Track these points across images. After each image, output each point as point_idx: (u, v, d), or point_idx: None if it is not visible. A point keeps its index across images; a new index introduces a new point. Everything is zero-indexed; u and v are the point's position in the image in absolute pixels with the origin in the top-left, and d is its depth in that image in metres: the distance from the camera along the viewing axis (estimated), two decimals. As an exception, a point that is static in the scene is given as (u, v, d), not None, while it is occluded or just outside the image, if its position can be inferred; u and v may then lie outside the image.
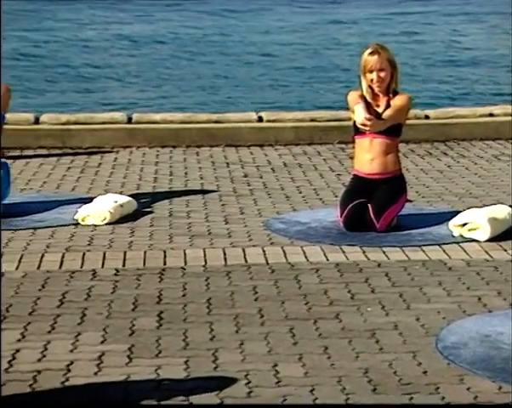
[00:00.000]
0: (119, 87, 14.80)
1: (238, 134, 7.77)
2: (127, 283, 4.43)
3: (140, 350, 3.62)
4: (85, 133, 7.62)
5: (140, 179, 6.64)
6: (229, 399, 3.18)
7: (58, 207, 5.72)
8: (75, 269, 4.63)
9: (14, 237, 5.14)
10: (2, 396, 3.20)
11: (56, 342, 3.68)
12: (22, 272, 4.56)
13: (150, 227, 5.44)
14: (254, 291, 4.32)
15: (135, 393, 3.23)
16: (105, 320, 3.95)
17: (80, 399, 3.18)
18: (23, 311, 4.02)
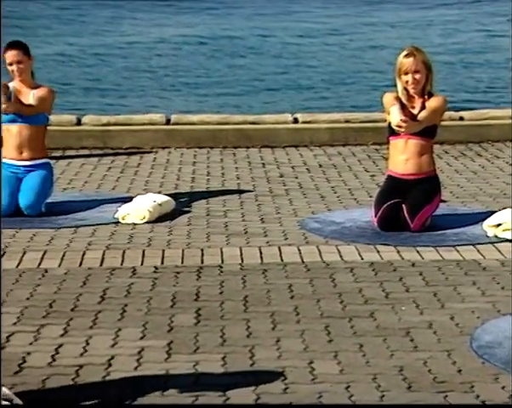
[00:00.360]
0: (158, 89, 14.87)
1: (274, 135, 7.77)
2: (165, 280, 4.44)
3: (179, 346, 3.63)
4: (125, 134, 7.66)
5: (178, 179, 6.66)
6: (265, 396, 3.18)
7: (99, 206, 5.75)
8: (115, 266, 4.66)
9: (56, 235, 5.18)
10: (46, 389, 3.23)
11: (97, 338, 3.71)
12: (65, 269, 4.59)
13: (187, 226, 5.45)
14: (290, 289, 4.32)
15: (174, 388, 3.24)
16: (145, 316, 3.97)
17: (120, 393, 3.20)
18: (65, 307, 4.05)
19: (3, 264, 4.64)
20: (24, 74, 5.51)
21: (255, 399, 3.16)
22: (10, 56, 5.48)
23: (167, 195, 5.90)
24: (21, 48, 5.52)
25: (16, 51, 5.48)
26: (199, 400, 3.15)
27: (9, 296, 4.18)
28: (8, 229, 5.23)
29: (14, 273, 4.50)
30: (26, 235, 5.17)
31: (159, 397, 3.18)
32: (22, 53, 5.50)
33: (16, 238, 5.11)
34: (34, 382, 3.27)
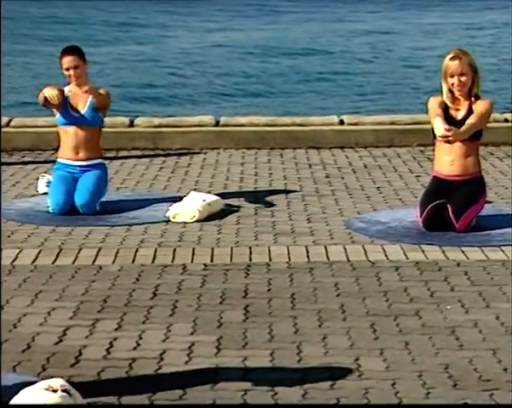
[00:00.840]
0: (208, 91, 14.95)
1: (320, 137, 7.75)
2: (215, 277, 4.46)
3: (228, 341, 3.64)
4: (176, 136, 7.70)
5: (227, 179, 6.68)
6: (312, 391, 3.17)
7: (151, 205, 5.79)
8: (166, 263, 4.68)
9: (110, 233, 5.23)
10: (101, 381, 3.26)
11: (150, 332, 3.73)
12: (118, 266, 4.63)
13: (236, 225, 5.46)
14: (336, 287, 4.30)
15: (223, 382, 3.25)
16: (195, 312, 3.98)
17: (172, 386, 3.22)
18: (119, 302, 4.09)
19: (60, 260, 4.70)
20: (80, 78, 5.58)
21: (302, 395, 3.15)
22: (67, 62, 5.55)
23: (217, 194, 5.91)
24: (77, 53, 5.58)
25: (72, 57, 5.55)
26: (248, 395, 3.15)
27: (66, 291, 4.23)
28: (64, 227, 5.30)
29: (70, 269, 4.55)
30: (82, 232, 5.22)
31: (209, 390, 3.19)
32: (78, 58, 5.56)
33: (72, 236, 5.17)
34: (90, 375, 3.31)
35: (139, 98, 14.06)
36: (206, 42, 21.38)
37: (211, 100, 13.83)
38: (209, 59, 19.03)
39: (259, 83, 15.86)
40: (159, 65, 18.05)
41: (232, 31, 23.67)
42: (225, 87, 15.39)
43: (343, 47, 20.11)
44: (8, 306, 4.00)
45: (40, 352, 3.50)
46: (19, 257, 4.71)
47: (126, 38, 22.24)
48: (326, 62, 18.01)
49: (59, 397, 2.80)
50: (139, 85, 15.69)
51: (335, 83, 15.50)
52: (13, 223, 5.34)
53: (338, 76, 16.37)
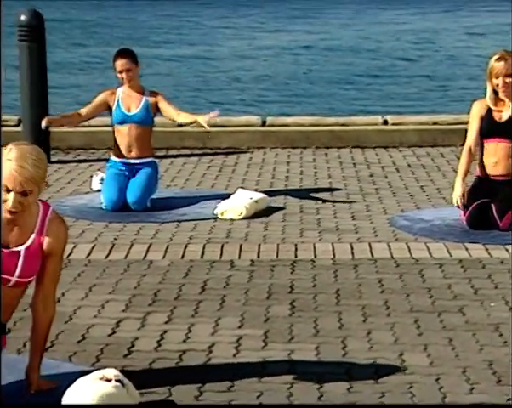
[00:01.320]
0: (255, 92, 14.97)
1: (364, 136, 7.70)
2: (261, 273, 4.46)
3: (274, 335, 3.64)
4: (223, 135, 7.72)
5: (273, 178, 6.67)
6: (357, 385, 3.16)
7: (199, 203, 5.81)
8: (215, 259, 4.70)
9: (160, 229, 5.26)
10: (152, 371, 3.28)
11: (199, 326, 3.75)
12: (168, 261, 4.66)
13: (282, 222, 5.46)
14: (380, 283, 4.27)
15: (270, 375, 3.25)
16: (242, 306, 3.99)
17: (220, 377, 3.23)
18: (169, 296, 4.11)
19: (113, 255, 4.74)
20: (132, 80, 5.64)
21: (348, 388, 3.14)
22: (120, 65, 5.61)
23: (263, 192, 5.91)
24: (129, 56, 5.63)
25: (125, 60, 5.60)
26: (294, 387, 3.15)
27: (118, 285, 4.27)
28: (116, 223, 5.35)
29: (122, 264, 4.59)
30: (133, 228, 5.26)
31: (256, 383, 3.19)
32: (131, 61, 5.62)
33: (124, 231, 5.21)
34: (141, 365, 3.33)
35: (189, 98, 14.12)
36: (253, 44, 21.42)
37: (258, 101, 13.84)
38: (256, 60, 19.06)
39: (305, 84, 15.83)
40: (208, 67, 18.13)
41: (279, 32, 23.67)
42: (272, 88, 15.39)
43: (387, 47, 19.98)
44: (63, 299, 4.05)
45: (94, 343, 3.54)
46: (74, 252, 4.77)
47: (177, 40, 22.38)
48: (370, 62, 17.91)
49: (113, 387, 2.82)
50: (188, 86, 15.77)
51: (379, 83, 15.41)
52: (68, 219, 5.37)
53: (383, 76, 16.27)
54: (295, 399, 3.07)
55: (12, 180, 2.81)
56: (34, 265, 2.93)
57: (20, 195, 2.83)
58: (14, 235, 2.91)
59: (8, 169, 2.81)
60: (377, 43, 20.70)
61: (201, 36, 23.18)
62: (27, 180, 2.81)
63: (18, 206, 2.84)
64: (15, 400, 2.94)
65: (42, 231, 2.94)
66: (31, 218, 2.92)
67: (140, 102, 5.64)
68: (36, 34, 6.69)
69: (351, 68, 17.42)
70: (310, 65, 18.18)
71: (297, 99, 14.14)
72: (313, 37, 22.31)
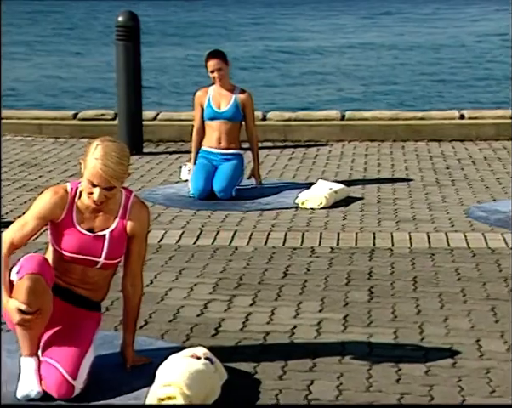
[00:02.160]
0: (336, 86, 14.90)
1: (441, 130, 7.57)
2: (341, 260, 4.44)
3: (354, 319, 3.62)
4: (304, 129, 7.71)
5: (351, 169, 6.62)
6: (435, 369, 3.11)
7: (281, 192, 5.82)
8: (296, 246, 4.69)
9: (245, 217, 5.29)
10: (238, 351, 3.30)
11: (281, 309, 3.75)
12: (252, 247, 4.68)
13: (360, 212, 5.42)
14: (457, 272, 4.20)
15: (349, 357, 3.23)
16: (323, 291, 3.98)
17: (302, 358, 3.23)
18: (253, 280, 4.13)
19: (200, 241, 4.79)
20: (223, 79, 5.68)
21: (425, 371, 3.10)
22: (211, 65, 5.66)
23: (342, 183, 5.88)
24: (220, 56, 5.69)
25: (216, 60, 5.66)
26: (373, 369, 3.13)
27: (206, 269, 4.31)
28: (204, 211, 5.40)
29: (209, 249, 4.63)
30: (220, 216, 5.30)
31: (336, 364, 3.18)
32: (222, 61, 5.67)
33: (211, 219, 5.26)
34: (228, 345, 3.36)
35: (269, 92, 14.16)
36: (335, 41, 21.30)
37: (337, 95, 13.76)
38: (337, 56, 18.95)
39: (383, 78, 15.66)
40: (292, 63, 18.13)
41: (362, 31, 23.48)
42: (352, 83, 15.28)
43: (466, 44, 19.58)
44: (155, 281, 4.12)
45: (184, 322, 3.58)
46: (164, 238, 4.83)
47: (262, 38, 22.45)
48: (449, 59, 17.58)
49: (203, 364, 2.86)
50: (268, 80, 15.80)
51: (457, 78, 15.11)
52: (159, 207, 5.49)
53: (460, 70, 15.95)
54: (374, 380, 3.05)
55: (98, 178, 2.86)
56: (119, 248, 2.98)
57: (105, 190, 2.89)
58: (98, 220, 2.97)
59: (94, 167, 2.86)
60: (454, 39, 20.29)
61: (286, 33, 23.19)
62: (111, 178, 2.87)
63: (103, 198, 2.90)
64: (110, 375, 3.01)
65: (125, 216, 2.99)
66: (114, 204, 2.97)
67: (230, 100, 5.69)
68: (132, 34, 6.80)
69: (431, 62, 17.13)
70: (389, 61, 17.99)
71: (375, 93, 14.00)
72: (392, 35, 22.03)
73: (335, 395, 2.94)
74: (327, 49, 20.03)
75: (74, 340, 2.89)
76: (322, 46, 20.61)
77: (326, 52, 19.65)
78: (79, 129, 7.71)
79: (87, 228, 2.94)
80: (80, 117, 7.89)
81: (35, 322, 2.78)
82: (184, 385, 2.73)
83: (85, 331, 2.95)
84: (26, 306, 2.75)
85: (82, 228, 2.94)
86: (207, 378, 2.82)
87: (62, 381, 2.80)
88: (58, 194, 2.93)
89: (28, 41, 22.68)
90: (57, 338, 2.88)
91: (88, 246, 2.93)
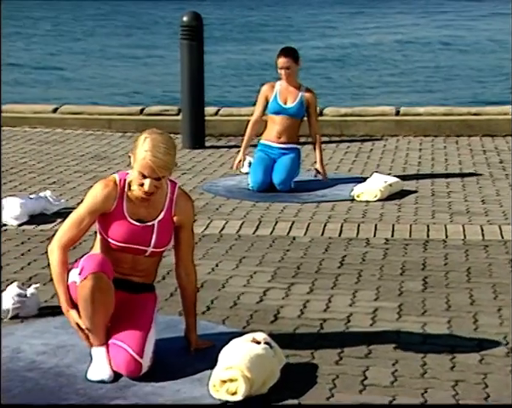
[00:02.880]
0: (391, 83, 14.73)
1: (495, 125, 7.40)
2: (395, 251, 4.38)
3: (408, 308, 3.57)
4: (359, 124, 7.64)
5: (406, 163, 6.53)
6: (489, 357, 3.05)
7: (337, 185, 5.77)
8: (351, 237, 4.66)
9: (302, 209, 5.27)
10: (296, 337, 3.29)
11: (337, 297, 3.73)
12: (309, 237, 4.65)
13: (414, 204, 5.34)
14: (510, 264, 4.10)
15: (404, 345, 3.19)
16: (378, 281, 3.94)
17: (358, 345, 3.20)
18: (311, 269, 4.11)
19: (260, 231, 4.79)
20: (290, 77, 5.65)
21: (479, 360, 3.04)
22: (281, 62, 5.65)
23: (396, 177, 5.80)
24: (291, 55, 5.64)
25: (287, 58, 5.63)
26: (427, 357, 3.08)
27: (264, 258, 4.30)
28: (263, 203, 5.40)
29: (268, 239, 4.63)
30: (278, 207, 5.29)
31: (392, 351, 3.14)
32: (291, 60, 5.63)
33: (269, 210, 5.25)
34: (286, 331, 3.35)
35: (326, 88, 14.06)
36: (389, 38, 21.08)
37: (393, 91, 13.60)
38: (391, 53, 18.75)
39: (437, 75, 15.43)
40: (347, 59, 18.01)
41: (412, 27, 23.18)
42: (406, 79, 15.08)
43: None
44: (217, 269, 4.13)
45: (244, 309, 3.59)
46: (225, 227, 4.84)
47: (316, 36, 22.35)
48: (502, 56, 17.21)
49: (262, 348, 2.85)
50: (326, 76, 15.71)
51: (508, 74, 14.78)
52: (220, 198, 5.51)
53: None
54: (428, 367, 3.01)
55: (148, 169, 2.87)
56: (166, 237, 3.00)
57: (155, 180, 2.90)
58: (146, 211, 2.97)
59: (144, 159, 2.87)
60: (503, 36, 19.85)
61: (343, 31, 23.04)
62: (161, 168, 2.87)
63: (153, 189, 2.91)
64: (175, 358, 3.03)
65: (171, 207, 2.99)
66: (160, 196, 2.98)
67: (296, 97, 5.67)
68: (195, 33, 6.83)
69: (480, 60, 16.80)
70: (444, 56, 17.71)
71: (429, 89, 13.79)
72: (444, 32, 21.68)
73: (390, 381, 2.91)
74: (383, 46, 19.83)
75: (136, 322, 2.92)
76: (379, 43, 20.40)
77: (382, 49, 19.45)
78: (145, 124, 7.78)
79: (136, 218, 2.96)
80: (146, 113, 7.97)
81: (99, 317, 2.83)
82: (245, 368, 2.73)
83: (145, 312, 2.98)
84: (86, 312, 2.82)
85: (132, 218, 2.96)
86: (267, 362, 2.82)
87: (130, 359, 2.83)
88: (108, 187, 2.95)
89: (100, 40, 23.05)
90: (121, 323, 2.92)
91: (137, 235, 2.95)
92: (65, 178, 6.01)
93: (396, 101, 10.51)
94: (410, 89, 13.91)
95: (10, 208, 4.83)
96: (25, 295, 3.48)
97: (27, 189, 5.61)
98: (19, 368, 2.96)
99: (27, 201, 4.95)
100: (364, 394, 2.82)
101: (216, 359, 2.85)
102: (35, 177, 6.02)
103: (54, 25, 27.20)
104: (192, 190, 5.66)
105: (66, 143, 7.25)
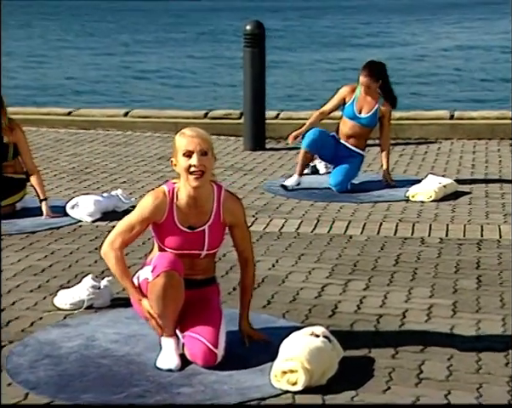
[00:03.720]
0: (445, 88, 14.51)
1: (550, 129, 7.22)
2: (449, 250, 4.31)
3: (462, 306, 3.51)
4: (414, 127, 7.55)
5: (460, 165, 6.42)
6: (543, 355, 2.97)
7: (392, 186, 5.71)
8: (406, 236, 4.59)
9: (358, 208, 5.22)
10: (353, 331, 3.26)
11: (393, 293, 3.69)
12: (365, 236, 4.61)
13: (468, 205, 5.24)
14: None
15: (459, 341, 3.14)
16: (432, 278, 3.88)
17: (414, 340, 3.16)
18: (367, 267, 4.08)
19: (318, 230, 4.76)
20: (369, 89, 5.56)
21: (533, 358, 2.96)
22: (362, 80, 5.52)
23: (450, 178, 5.70)
24: (373, 75, 5.50)
25: (367, 78, 5.48)
26: (482, 354, 3.02)
27: (322, 255, 4.28)
28: (321, 202, 5.37)
29: (325, 237, 4.60)
30: (335, 207, 5.26)
31: (446, 347, 3.09)
32: (372, 80, 5.49)
33: (327, 210, 5.22)
34: (344, 325, 3.33)
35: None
36: (441, 46, 20.74)
37: (447, 96, 13.38)
38: (446, 59, 18.45)
39: (491, 80, 15.12)
40: (404, 66, 17.81)
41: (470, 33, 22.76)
42: (460, 83, 14.82)
43: None
44: (277, 265, 4.13)
45: (303, 303, 3.57)
46: (285, 226, 4.84)
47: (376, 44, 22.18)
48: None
49: (321, 342, 2.84)
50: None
51: None
52: (280, 198, 5.51)
53: None
54: (483, 363, 2.95)
55: (191, 143, 2.89)
56: (218, 239, 3.00)
57: (201, 155, 2.89)
58: (196, 217, 2.96)
59: (184, 139, 2.90)
60: None
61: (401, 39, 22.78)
62: (203, 140, 2.89)
63: (201, 165, 2.89)
64: (239, 350, 3.03)
65: (219, 210, 2.98)
66: (208, 201, 2.96)
67: (373, 108, 5.61)
68: (258, 41, 6.85)
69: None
70: (494, 63, 17.34)
71: (483, 93, 13.52)
72: (496, 37, 21.22)
73: (445, 376, 2.86)
74: (438, 52, 19.54)
75: (208, 314, 2.95)
76: (434, 49, 20.12)
77: (437, 55, 19.17)
78: (209, 127, 7.84)
79: (187, 225, 2.96)
80: (210, 116, 8.03)
81: (169, 312, 2.86)
82: (304, 360, 2.72)
83: (213, 304, 3.01)
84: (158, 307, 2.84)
85: (183, 226, 2.95)
86: (326, 355, 2.80)
87: (206, 350, 2.86)
88: (158, 198, 2.94)
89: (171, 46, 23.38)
90: (193, 317, 2.95)
91: (190, 241, 2.96)
92: (134, 177, 6.10)
93: (451, 105, 10.35)
94: (464, 93, 13.66)
95: (85, 206, 4.93)
96: (99, 287, 3.55)
97: (100, 188, 5.71)
98: (94, 355, 3.01)
99: (100, 199, 5.04)
100: (420, 388, 2.78)
101: (277, 351, 2.85)
102: (107, 176, 6.13)
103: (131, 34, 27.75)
104: (253, 190, 5.67)
105: (136, 144, 7.36)
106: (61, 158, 6.73)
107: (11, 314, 3.41)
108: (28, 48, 23.62)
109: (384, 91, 5.61)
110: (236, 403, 2.68)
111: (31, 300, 3.58)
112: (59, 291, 3.57)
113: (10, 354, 3.00)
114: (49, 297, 3.59)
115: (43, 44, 24.84)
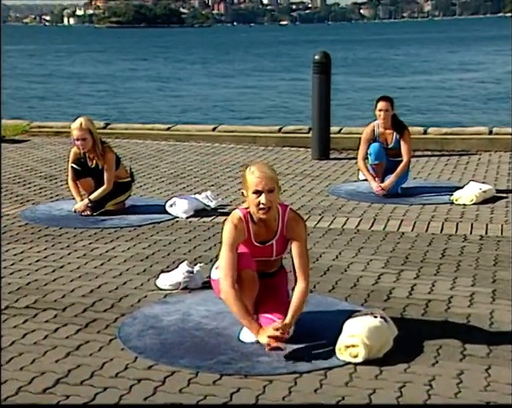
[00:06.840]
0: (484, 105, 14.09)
1: None
2: (489, 246, 4.19)
3: (501, 294, 3.40)
4: (458, 141, 7.37)
5: (497, 174, 6.21)
6: None
7: (439, 191, 5.59)
8: (451, 233, 4.49)
9: (410, 209, 5.12)
10: (405, 316, 3.20)
11: (440, 282, 3.61)
12: (415, 233, 4.53)
13: (505, 208, 5.07)
14: None
15: (498, 323, 3.04)
16: (474, 270, 3.78)
17: (458, 323, 3.08)
18: (417, 259, 4.00)
19: (374, 227, 4.70)
20: (385, 120, 5.47)
21: None
22: (381, 105, 5.42)
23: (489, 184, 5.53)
24: (390, 101, 5.45)
25: (385, 103, 5.41)
26: (518, 335, 2.92)
27: (379, 248, 4.22)
28: (376, 204, 5.29)
29: (381, 233, 4.54)
30: (389, 208, 5.18)
31: (487, 328, 3.00)
32: (389, 104, 5.44)
33: (383, 210, 5.14)
34: (397, 308, 3.28)
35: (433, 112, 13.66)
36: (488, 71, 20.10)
37: (486, 112, 12.98)
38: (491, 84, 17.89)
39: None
40: (443, 88, 17.37)
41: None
42: (499, 101, 14.35)
43: None
44: (340, 256, 4.10)
45: (363, 289, 3.54)
46: (346, 223, 4.79)
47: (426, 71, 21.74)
48: None
49: (379, 321, 2.81)
50: (430, 103, 15.25)
51: None
52: (342, 200, 5.47)
53: None
54: (519, 344, 2.85)
55: (260, 183, 2.84)
56: (283, 247, 2.99)
57: (268, 193, 2.84)
58: (265, 234, 2.95)
59: (254, 178, 2.84)
60: None
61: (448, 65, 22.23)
62: (270, 179, 2.83)
63: (268, 202, 2.85)
64: (308, 325, 3.02)
65: (283, 229, 2.95)
66: (274, 220, 2.94)
67: (393, 137, 5.51)
68: (325, 68, 6.83)
69: None
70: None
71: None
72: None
73: (486, 353, 2.78)
74: (480, 77, 18.97)
75: (279, 299, 2.96)
76: (478, 74, 19.55)
77: (480, 79, 18.61)
78: (282, 140, 7.88)
79: (259, 241, 2.96)
80: (283, 131, 8.04)
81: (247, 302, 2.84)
82: (364, 336, 2.70)
83: (282, 290, 3.02)
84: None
85: (256, 241, 2.96)
86: (383, 333, 2.77)
87: None
88: (238, 225, 2.90)
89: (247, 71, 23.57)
90: (266, 301, 2.96)
91: (261, 252, 2.97)
92: (220, 181, 6.18)
93: (490, 122, 10.03)
94: (503, 112, 13.21)
95: (181, 205, 5.02)
96: (193, 271, 3.61)
97: (193, 190, 5.81)
98: (189, 327, 3.07)
99: (193, 199, 5.13)
100: (463, 362, 2.71)
101: (341, 329, 2.83)
102: (198, 180, 6.23)
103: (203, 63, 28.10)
104: (319, 193, 5.65)
105: (222, 154, 7.44)
106: (161, 165, 6.88)
107: (123, 292, 3.51)
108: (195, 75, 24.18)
109: (395, 119, 5.47)
110: (305, 371, 2.68)
111: (137, 281, 3.68)
112: (161, 275, 3.65)
113: (123, 325, 3.09)
114: (152, 279, 3.67)
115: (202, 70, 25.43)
